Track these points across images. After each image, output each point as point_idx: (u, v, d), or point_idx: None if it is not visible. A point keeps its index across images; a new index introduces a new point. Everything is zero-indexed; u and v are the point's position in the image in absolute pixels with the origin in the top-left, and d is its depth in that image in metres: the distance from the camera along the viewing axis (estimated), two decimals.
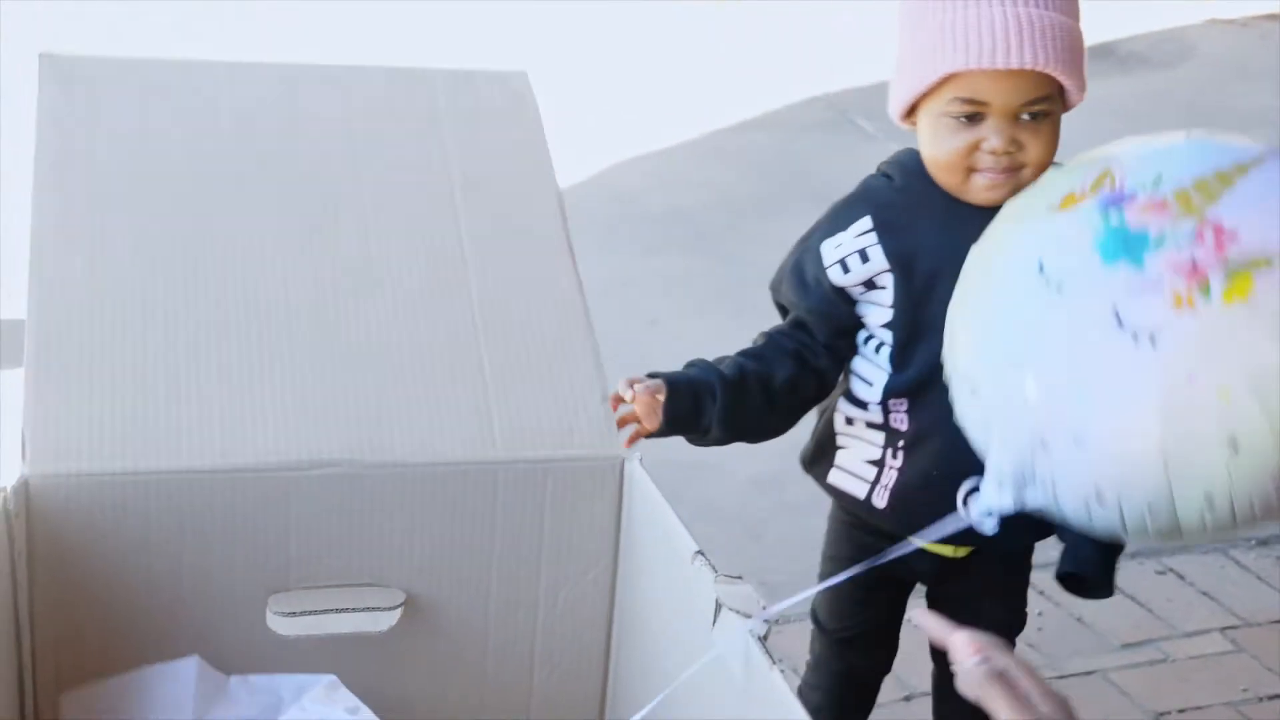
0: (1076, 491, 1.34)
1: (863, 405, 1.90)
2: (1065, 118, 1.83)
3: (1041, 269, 1.35)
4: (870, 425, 1.90)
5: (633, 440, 1.72)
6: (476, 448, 1.57)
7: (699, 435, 1.85)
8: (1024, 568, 2.10)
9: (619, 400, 1.73)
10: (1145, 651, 2.81)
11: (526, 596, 1.63)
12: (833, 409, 1.95)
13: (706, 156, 5.63)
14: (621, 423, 1.71)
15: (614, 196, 5.13)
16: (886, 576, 1.80)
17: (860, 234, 1.82)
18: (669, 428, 1.77)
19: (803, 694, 2.13)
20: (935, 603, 2.06)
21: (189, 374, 1.53)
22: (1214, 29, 8.43)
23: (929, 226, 1.80)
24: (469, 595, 1.61)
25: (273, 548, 1.53)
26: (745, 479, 3.32)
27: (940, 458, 1.81)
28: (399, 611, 1.58)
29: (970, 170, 1.76)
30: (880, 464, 1.90)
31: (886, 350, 1.86)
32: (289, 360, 1.55)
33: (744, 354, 1.88)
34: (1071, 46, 1.75)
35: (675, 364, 1.90)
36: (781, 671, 1.33)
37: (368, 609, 1.57)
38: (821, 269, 1.84)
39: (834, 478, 1.96)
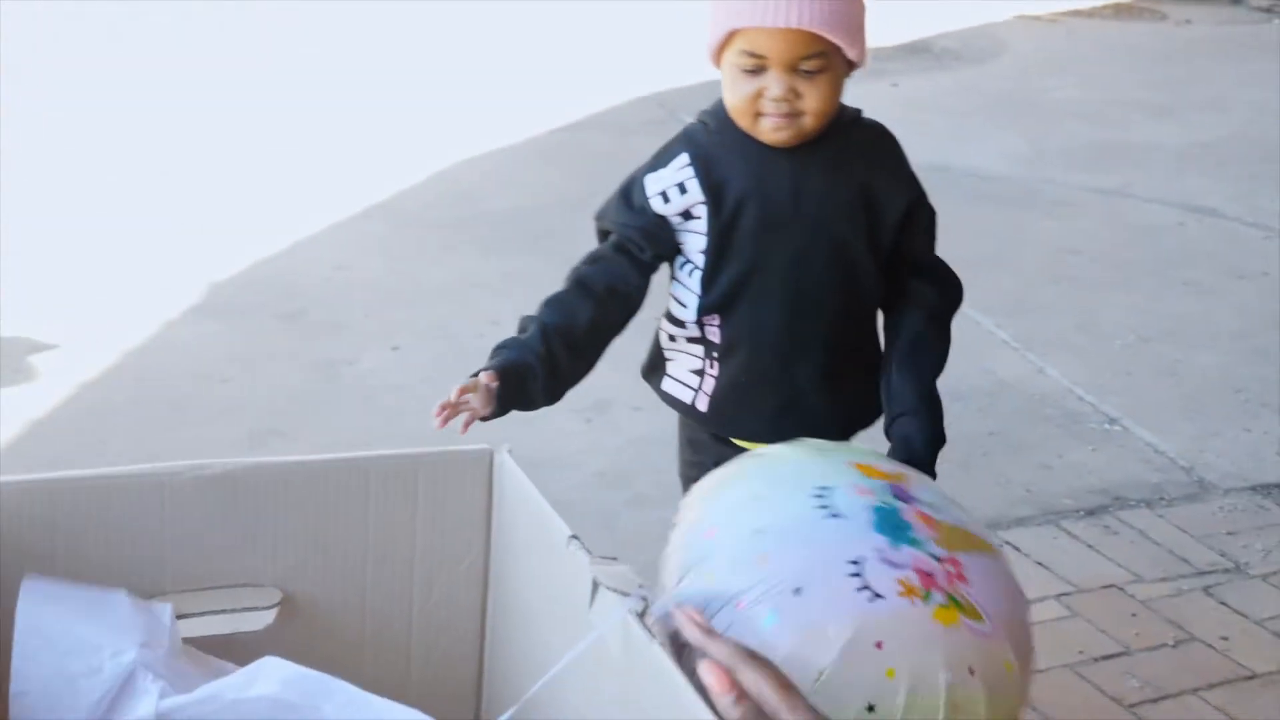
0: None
1: (680, 324, 2.13)
2: (888, 114, 2.15)
3: (821, 496, 1.54)
4: (690, 340, 2.14)
5: (466, 426, 1.87)
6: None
7: (528, 407, 2.00)
8: None
9: (452, 401, 1.86)
10: None
11: (401, 590, 1.66)
12: (659, 327, 2.19)
13: (542, 156, 5.67)
14: (453, 412, 1.85)
15: (454, 197, 5.15)
16: None
17: (679, 169, 2.06)
18: (501, 408, 1.92)
19: None
20: None
21: None
22: (1022, 25, 8.72)
23: (736, 163, 2.05)
24: (344, 591, 1.63)
25: (147, 552, 1.54)
26: (593, 473, 3.38)
27: (748, 365, 2.09)
28: (275, 610, 1.59)
29: (758, 114, 2.00)
30: (701, 373, 2.14)
31: (698, 274, 2.08)
32: None
33: (548, 305, 2.04)
34: (842, 11, 1.97)
35: None
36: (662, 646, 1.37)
37: (244, 609, 1.58)
38: (645, 199, 2.07)
39: (666, 385, 2.19)
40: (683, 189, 2.05)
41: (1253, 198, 5.49)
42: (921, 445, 2.09)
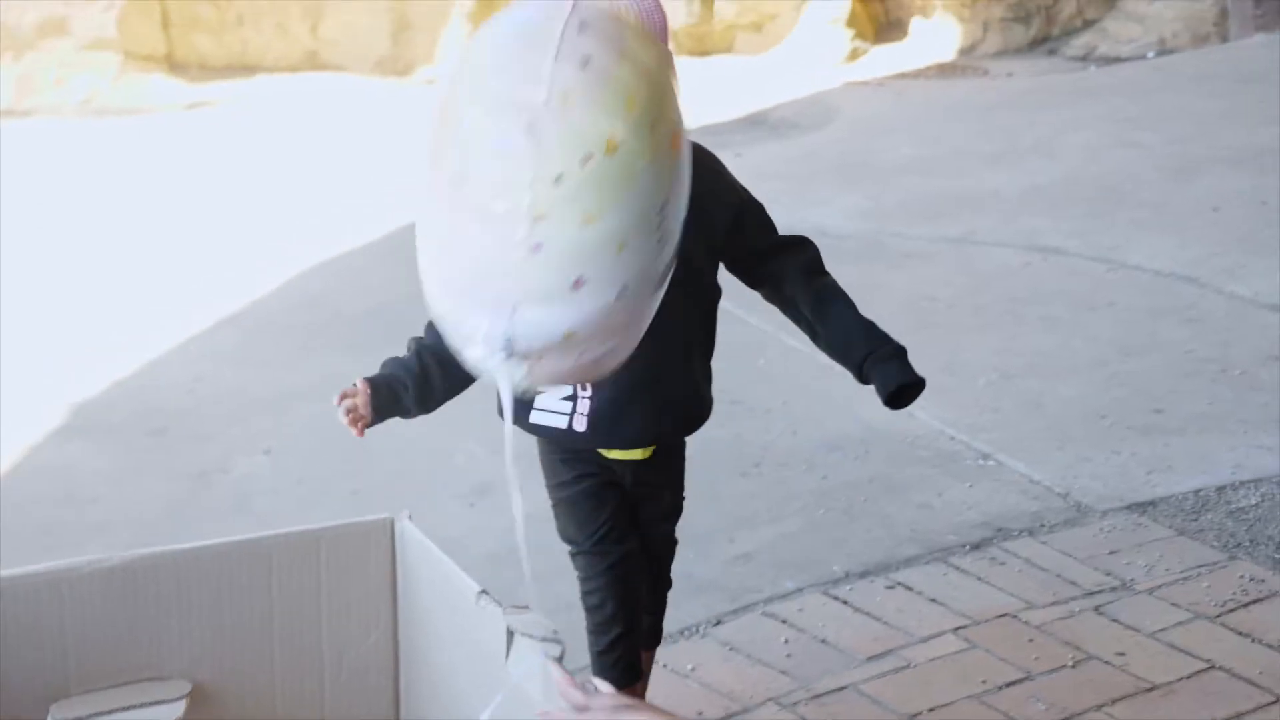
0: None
1: None
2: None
3: None
4: None
5: (360, 430, 2.17)
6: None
7: (405, 415, 2.26)
8: (681, 462, 2.58)
9: (342, 399, 2.20)
10: (888, 661, 2.94)
11: (311, 667, 1.63)
12: None
13: (394, 254, 5.65)
14: (348, 416, 2.16)
15: (308, 302, 5.11)
16: (605, 481, 2.42)
17: None
18: (378, 416, 2.20)
19: (590, 612, 2.50)
20: (635, 497, 2.50)
21: None
22: (852, 91, 8.94)
23: None
24: (254, 674, 1.60)
25: (49, 653, 1.50)
26: (483, 555, 3.35)
27: (619, 383, 2.18)
28: (184, 702, 1.56)
29: None
30: (573, 398, 2.34)
31: None
32: None
33: (429, 326, 2.21)
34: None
35: (399, 455, 2.04)
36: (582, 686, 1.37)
37: (153, 703, 1.54)
38: None
39: (535, 418, 2.35)
40: None
41: (1091, 234, 5.65)
42: (896, 371, 2.36)
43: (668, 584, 2.67)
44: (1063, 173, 6.56)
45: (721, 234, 2.36)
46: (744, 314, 4.88)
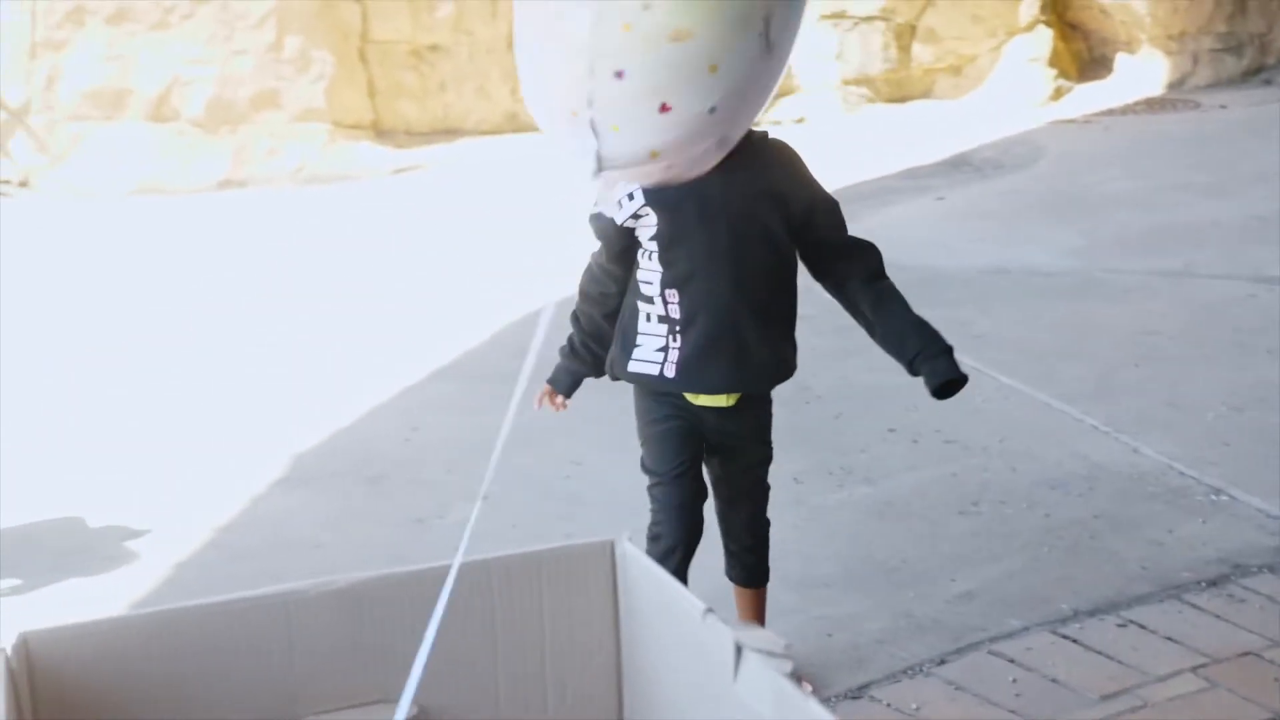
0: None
1: (650, 300, 2.66)
2: (937, 226, 2.69)
3: None
4: (659, 319, 2.66)
5: (560, 407, 2.86)
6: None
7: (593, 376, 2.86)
8: (769, 411, 2.85)
9: (540, 404, 2.85)
10: (1124, 700, 2.82)
11: (535, 692, 1.61)
12: (626, 317, 2.73)
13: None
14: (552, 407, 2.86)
15: (517, 352, 5.11)
16: (689, 426, 2.73)
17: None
18: (569, 394, 2.87)
19: (651, 541, 2.78)
20: (715, 448, 2.79)
21: None
22: (1058, 129, 8.78)
23: None
24: (478, 697, 1.59)
25: (277, 676, 1.50)
26: (698, 596, 3.32)
27: (705, 333, 2.62)
28: None
29: None
30: (665, 349, 2.67)
31: (656, 256, 2.63)
32: None
33: (574, 321, 2.83)
34: None
35: (611, 500, 2.65)
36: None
37: None
38: (603, 209, 2.62)
39: (633, 367, 2.71)
40: (631, 197, 2.59)
41: None
42: (944, 367, 2.63)
43: (765, 524, 2.92)
44: None
45: (799, 221, 2.65)
46: (956, 354, 4.79)
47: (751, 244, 2.61)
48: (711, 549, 2.90)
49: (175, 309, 6.00)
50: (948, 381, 2.64)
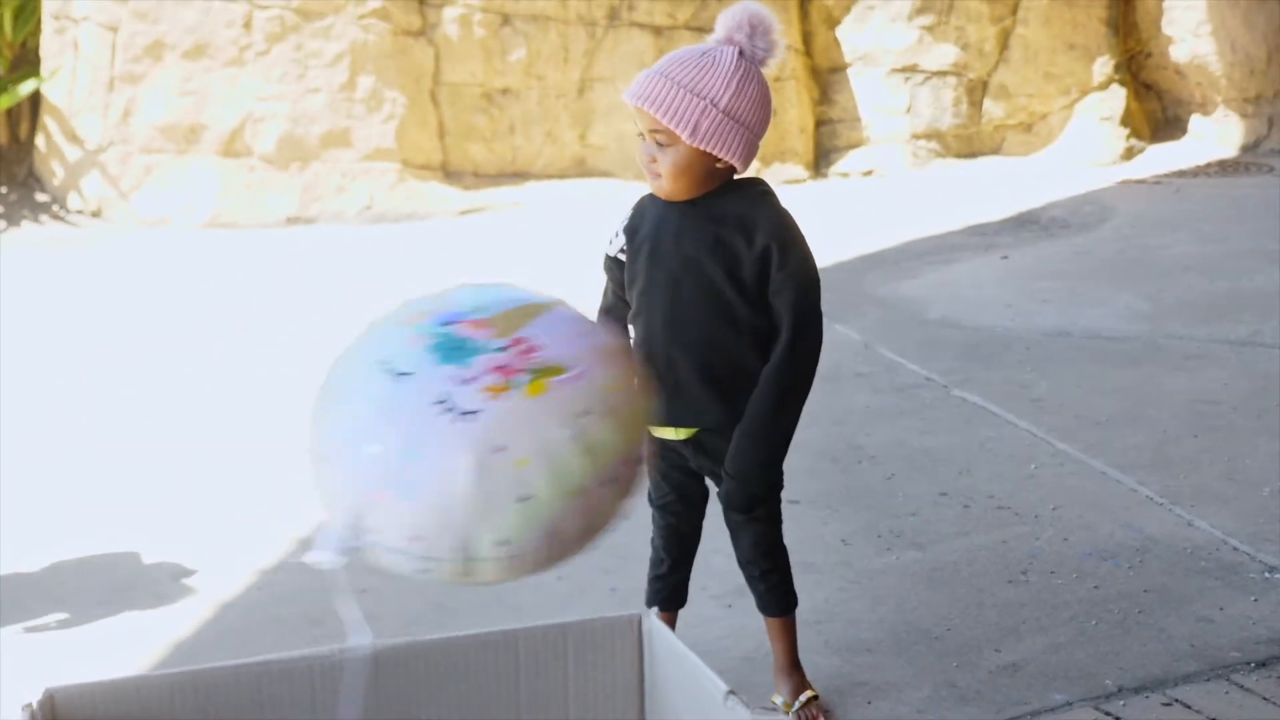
0: (400, 534, 1.65)
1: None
2: (1001, 285, 2.59)
3: (386, 364, 1.74)
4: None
5: None
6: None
7: None
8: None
9: None
10: None
11: None
12: None
13: None
14: None
15: None
16: (674, 457, 2.92)
17: (620, 221, 2.90)
18: None
19: (652, 551, 3.08)
20: (710, 476, 2.94)
21: None
22: (1128, 190, 8.71)
23: (651, 215, 2.86)
24: None
25: None
26: (738, 658, 3.30)
27: (645, 361, 2.72)
28: None
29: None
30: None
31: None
32: None
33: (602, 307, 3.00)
34: (683, 109, 2.66)
35: None
36: None
37: None
38: (609, 243, 2.94)
39: None
40: (618, 234, 2.90)
41: None
42: (727, 489, 2.85)
43: (775, 551, 2.97)
44: None
45: (749, 264, 2.75)
46: (1013, 418, 4.76)
47: (687, 289, 2.78)
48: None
49: (243, 341, 6.07)
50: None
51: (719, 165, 2.75)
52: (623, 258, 2.89)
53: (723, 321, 2.78)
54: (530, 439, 1.65)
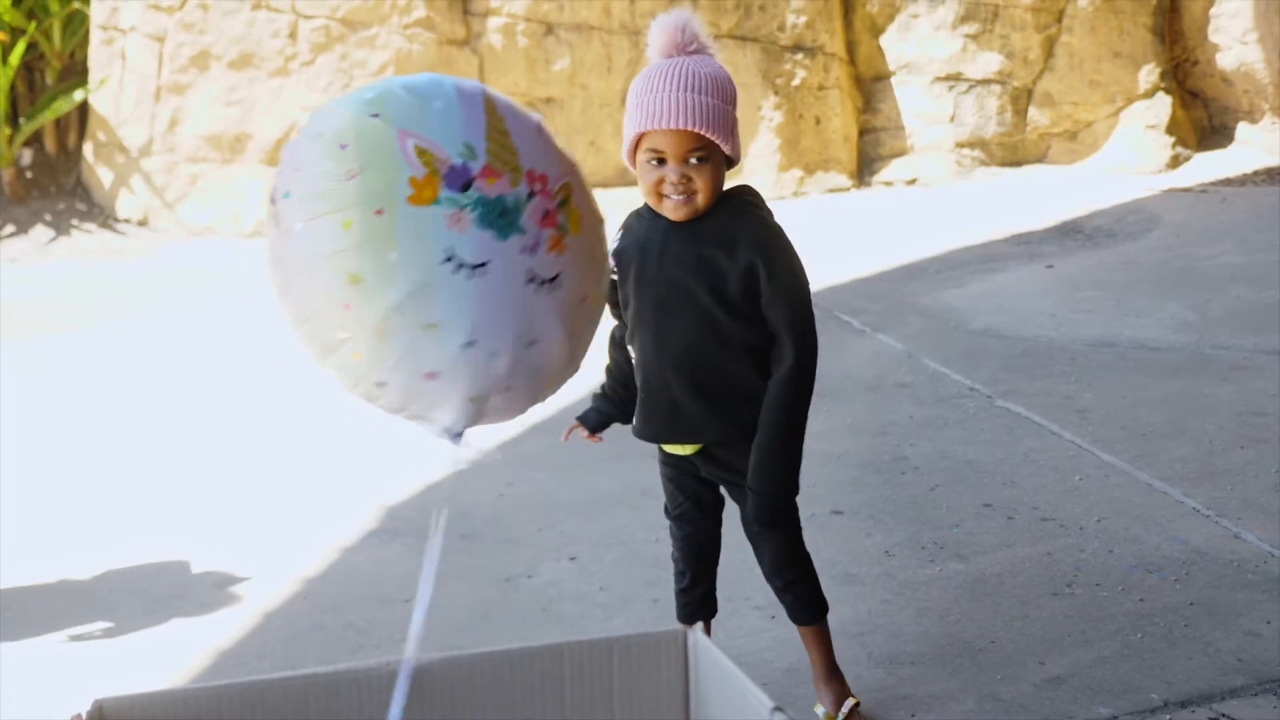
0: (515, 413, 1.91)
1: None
2: (1046, 295, 2.56)
3: (453, 256, 1.70)
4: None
5: (593, 439, 3.05)
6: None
7: (621, 422, 3.02)
8: (746, 453, 2.86)
9: (568, 436, 3.06)
10: None
11: None
12: None
13: None
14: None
15: None
16: (684, 470, 2.96)
17: (610, 241, 2.72)
18: (599, 430, 3.03)
19: (674, 563, 3.09)
20: (724, 487, 2.97)
21: None
22: (1174, 199, 8.65)
23: (639, 232, 2.85)
24: None
25: None
26: (782, 669, 3.30)
27: (644, 387, 2.86)
28: None
29: (662, 195, 2.75)
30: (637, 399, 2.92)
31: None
32: None
33: (607, 371, 3.01)
34: (718, 117, 2.68)
35: None
36: None
37: None
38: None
39: (634, 420, 2.95)
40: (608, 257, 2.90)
41: None
42: (754, 505, 2.83)
43: (799, 560, 2.96)
44: None
45: (735, 279, 2.74)
46: (1057, 429, 4.73)
47: (673, 308, 2.78)
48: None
49: (290, 348, 6.10)
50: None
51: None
52: (615, 279, 2.88)
53: (711, 340, 2.79)
54: (594, 272, 1.82)
